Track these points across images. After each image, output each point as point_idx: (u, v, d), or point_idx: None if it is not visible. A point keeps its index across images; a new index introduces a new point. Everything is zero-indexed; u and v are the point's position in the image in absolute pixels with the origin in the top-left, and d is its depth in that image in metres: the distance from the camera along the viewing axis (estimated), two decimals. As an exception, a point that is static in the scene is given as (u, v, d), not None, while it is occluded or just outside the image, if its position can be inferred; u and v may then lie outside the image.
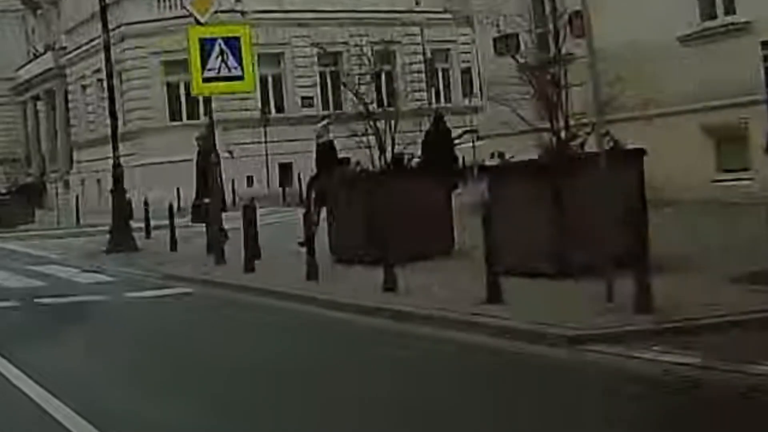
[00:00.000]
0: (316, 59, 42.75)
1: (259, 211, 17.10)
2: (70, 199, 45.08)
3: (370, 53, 20.74)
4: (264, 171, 40.23)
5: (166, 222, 21.19)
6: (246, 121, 40.48)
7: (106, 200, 42.28)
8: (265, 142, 39.65)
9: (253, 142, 40.14)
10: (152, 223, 31.58)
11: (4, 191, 37.68)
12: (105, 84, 44.36)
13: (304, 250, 14.03)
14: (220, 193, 20.54)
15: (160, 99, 40.63)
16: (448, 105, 45.41)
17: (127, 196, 21.82)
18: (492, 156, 19.64)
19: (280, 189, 39.30)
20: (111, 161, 22.30)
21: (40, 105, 55.62)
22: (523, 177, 12.01)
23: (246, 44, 16.84)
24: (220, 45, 16.63)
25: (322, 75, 43.79)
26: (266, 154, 40.36)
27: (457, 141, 37.51)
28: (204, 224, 19.40)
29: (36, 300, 13.93)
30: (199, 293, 14.38)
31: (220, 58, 16.63)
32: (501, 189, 12.09)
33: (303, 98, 43.08)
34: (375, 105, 36.26)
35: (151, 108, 40.44)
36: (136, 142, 40.40)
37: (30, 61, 55.90)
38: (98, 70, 43.65)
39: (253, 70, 17.24)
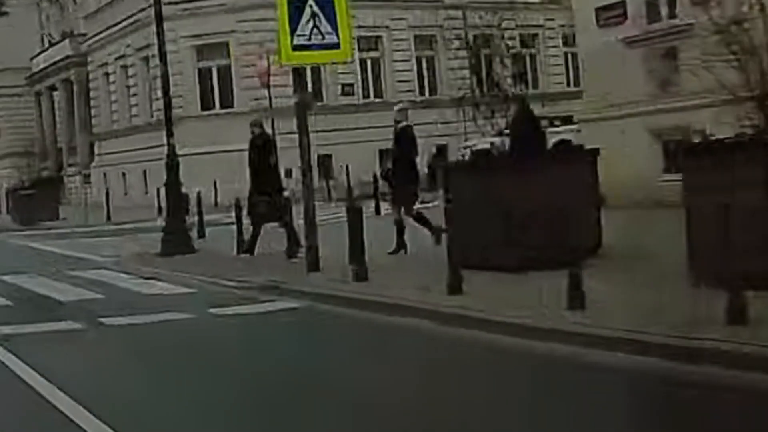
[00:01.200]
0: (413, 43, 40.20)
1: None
2: (92, 194, 42.32)
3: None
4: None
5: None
6: (285, 109, 37.52)
7: (134, 195, 39.75)
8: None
9: (293, 132, 37.16)
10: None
11: (26, 185, 34.68)
12: (130, 71, 41.87)
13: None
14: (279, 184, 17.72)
15: (192, 86, 37.69)
16: (537, 91, 42.83)
17: (184, 190, 18.85)
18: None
19: (324, 182, 36.50)
20: (163, 150, 19.63)
21: (56, 95, 52.73)
22: None
23: (342, 6, 13.93)
24: (311, 6, 13.74)
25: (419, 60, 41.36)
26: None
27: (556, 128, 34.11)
28: (268, 223, 16.66)
29: (100, 320, 11.08)
30: (307, 309, 11.54)
31: (311, 23, 13.74)
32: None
33: (343, 86, 40.14)
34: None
35: (183, 96, 37.44)
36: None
37: (45, 50, 53.02)
38: (122, 56, 40.90)
39: (350, 37, 14.29)
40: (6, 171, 51.09)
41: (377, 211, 23.86)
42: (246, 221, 17.14)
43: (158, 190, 32.53)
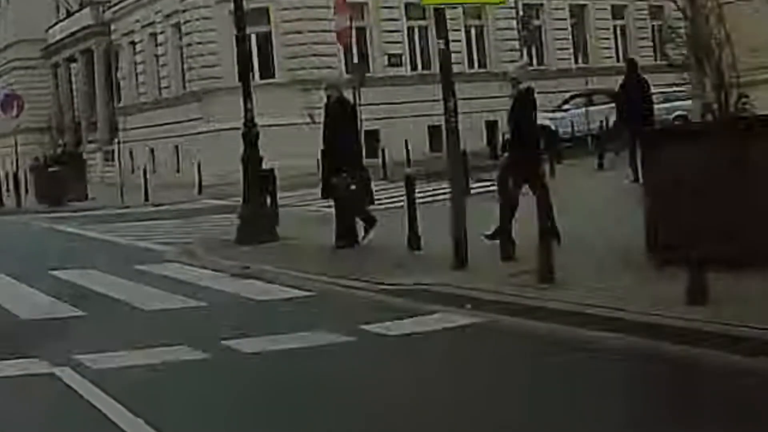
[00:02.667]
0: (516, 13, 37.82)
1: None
2: (116, 172, 39.37)
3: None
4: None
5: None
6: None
7: (163, 173, 36.64)
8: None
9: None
10: (236, 201, 26.00)
11: (49, 162, 31.67)
12: (159, 39, 38.81)
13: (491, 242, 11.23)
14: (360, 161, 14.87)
15: (229, 55, 34.58)
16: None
17: (267, 164, 15.94)
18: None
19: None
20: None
21: (75, 67, 49.66)
22: None
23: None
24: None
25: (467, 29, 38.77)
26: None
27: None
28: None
29: (224, 343, 8.09)
30: (491, 325, 8.63)
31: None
32: None
33: (390, 56, 37.11)
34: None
35: (219, 66, 34.46)
36: (201, 105, 34.55)
37: (62, 20, 49.92)
38: (151, 23, 37.88)
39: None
40: (20, 148, 48.02)
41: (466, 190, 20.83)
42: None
43: (199, 165, 29.68)
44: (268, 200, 15.88)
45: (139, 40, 39.60)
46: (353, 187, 13.89)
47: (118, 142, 42.16)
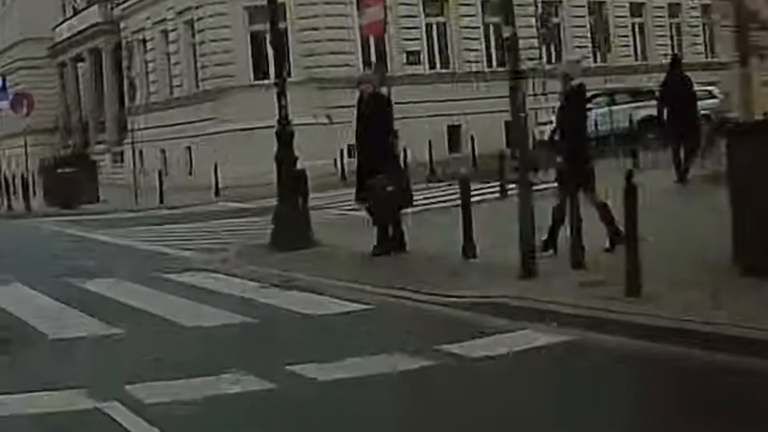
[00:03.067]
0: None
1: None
2: (127, 173, 38.34)
3: None
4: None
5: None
6: (346, 80, 33.48)
7: (175, 175, 35.53)
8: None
9: (353, 105, 33.06)
10: (255, 204, 24.98)
11: (58, 163, 30.58)
12: (171, 37, 37.75)
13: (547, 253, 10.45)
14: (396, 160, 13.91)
15: (244, 53, 33.63)
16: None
17: (299, 164, 14.90)
18: None
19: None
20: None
21: (82, 66, 48.63)
22: None
23: None
24: None
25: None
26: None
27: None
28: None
29: (290, 368, 7.05)
30: (584, 343, 7.62)
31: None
32: None
33: (408, 53, 36.07)
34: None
35: (233, 63, 33.44)
36: (215, 105, 33.53)
37: (70, 18, 48.88)
38: (162, 21, 36.85)
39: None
40: (16, 150, 46.96)
41: (502, 192, 19.87)
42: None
43: (215, 167, 28.66)
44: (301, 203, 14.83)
45: (150, 38, 38.55)
46: (390, 188, 12.87)
47: (129, 143, 41.25)
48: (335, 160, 32.27)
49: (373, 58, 34.54)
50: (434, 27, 36.81)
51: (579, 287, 9.26)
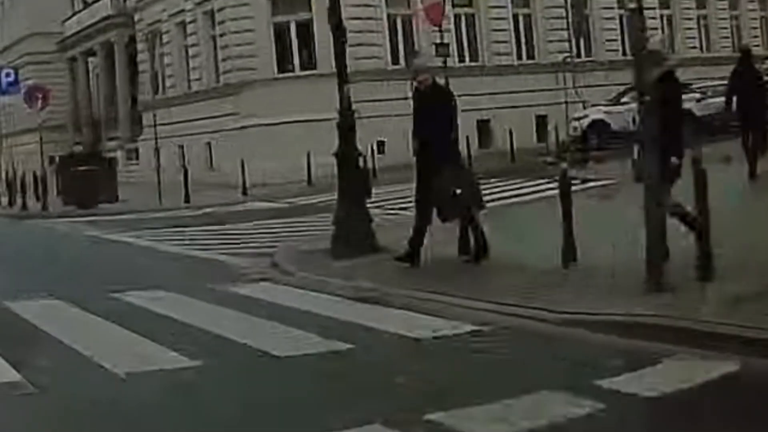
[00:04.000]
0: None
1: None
2: (142, 171, 36.92)
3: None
4: (396, 135, 31.51)
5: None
6: (374, 73, 32.04)
7: (194, 172, 33.86)
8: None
9: (384, 99, 31.61)
10: (286, 203, 23.58)
11: (75, 160, 29.05)
12: (189, 29, 36.23)
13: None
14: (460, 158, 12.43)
15: (267, 45, 32.14)
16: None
17: (361, 160, 13.43)
18: None
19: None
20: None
21: (93, 61, 47.16)
22: None
23: None
24: None
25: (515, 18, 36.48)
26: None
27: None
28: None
29: (430, 417, 5.51)
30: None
31: None
32: None
33: (437, 45, 34.49)
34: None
35: (256, 56, 31.94)
36: (237, 99, 32.04)
37: (80, 11, 47.39)
38: (180, 12, 35.36)
39: None
40: (33, 147, 45.44)
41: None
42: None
43: (242, 164, 27.18)
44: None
45: (166, 30, 37.02)
46: (459, 191, 11.40)
47: (145, 140, 39.77)
48: (364, 156, 30.76)
49: (402, 50, 33.16)
50: (462, 18, 35.34)
51: (734, 302, 7.84)
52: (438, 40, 34.56)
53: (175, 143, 35.43)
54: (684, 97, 31.43)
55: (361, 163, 13.31)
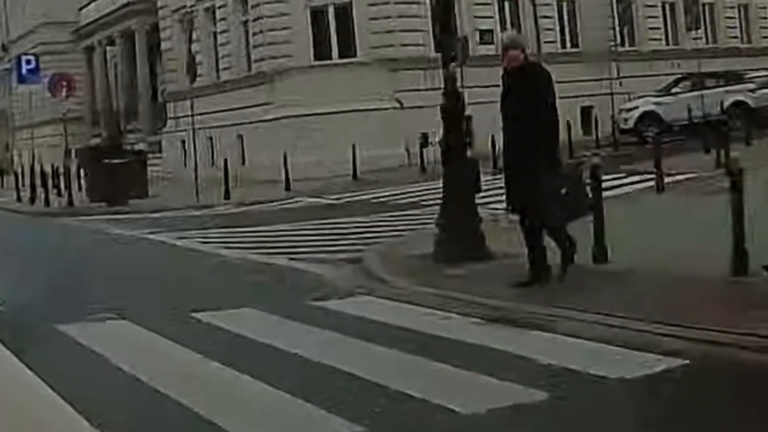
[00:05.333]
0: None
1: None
2: (167, 164, 35.06)
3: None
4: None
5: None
6: (417, 60, 30.13)
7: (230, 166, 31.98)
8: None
9: (427, 89, 29.66)
10: (336, 198, 21.69)
11: (109, 154, 27.10)
12: (219, 14, 34.29)
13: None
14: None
15: (303, 31, 30.18)
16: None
17: (470, 152, 11.52)
18: None
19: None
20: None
21: (111, 50, 45.26)
22: None
23: None
24: None
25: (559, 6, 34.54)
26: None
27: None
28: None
29: None
30: None
31: None
32: None
33: (481, 32, 32.65)
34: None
35: (291, 42, 30.01)
36: (272, 88, 30.14)
37: (97, -2, 45.58)
38: (207, -4, 33.42)
39: None
40: (48, 140, 43.59)
41: (658, 186, 16.60)
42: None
43: (285, 157, 25.27)
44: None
45: (194, 15, 35.00)
46: (564, 190, 9.48)
47: (176, 131, 37.89)
48: (407, 149, 29.01)
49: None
50: (506, 5, 33.44)
51: None
52: (483, 27, 32.85)
53: (203, 136, 33.49)
54: (738, 87, 29.81)
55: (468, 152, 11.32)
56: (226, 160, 25.08)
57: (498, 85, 10.15)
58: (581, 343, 7.22)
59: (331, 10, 30.08)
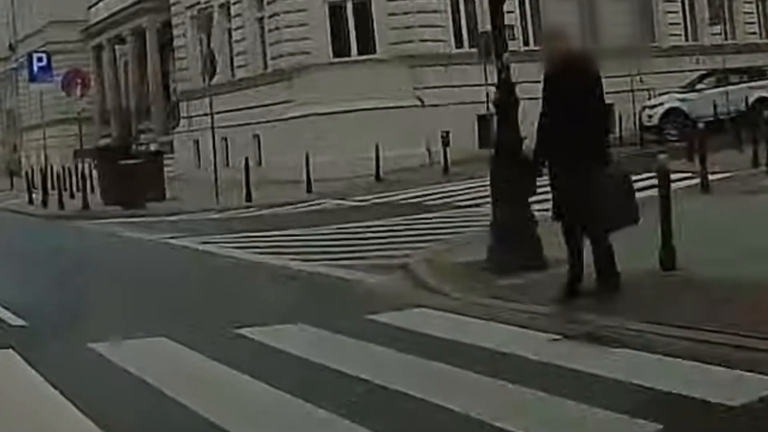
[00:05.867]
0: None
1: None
2: (179, 164, 34.36)
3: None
4: (462, 125, 28.80)
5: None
6: (437, 57, 29.41)
7: (240, 165, 31.25)
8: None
9: (448, 86, 28.96)
10: (359, 200, 21.00)
11: (126, 154, 26.36)
12: (234, 10, 33.52)
13: None
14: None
15: (322, 27, 29.44)
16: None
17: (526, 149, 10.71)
18: None
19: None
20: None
21: (121, 49, 44.56)
22: None
23: None
24: None
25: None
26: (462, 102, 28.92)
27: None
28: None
29: None
30: None
31: None
32: None
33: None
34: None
35: (310, 39, 29.27)
36: (290, 86, 29.41)
37: (106, -4, 44.85)
38: (222, -8, 32.70)
39: None
40: (56, 141, 42.84)
41: (704, 185, 15.88)
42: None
43: (307, 158, 24.54)
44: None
45: (208, 11, 34.26)
46: (617, 199, 8.71)
47: (179, 132, 37.21)
48: (428, 148, 28.27)
49: (465, 32, 30.45)
50: (526, 1, 32.66)
51: None
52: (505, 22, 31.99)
53: (218, 135, 32.75)
54: (761, 83, 29.12)
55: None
56: (247, 160, 24.32)
57: (517, 82, 9.56)
58: (677, 363, 6.54)
59: (349, 6, 29.34)
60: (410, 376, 6.54)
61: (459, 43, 30.22)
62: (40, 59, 28.99)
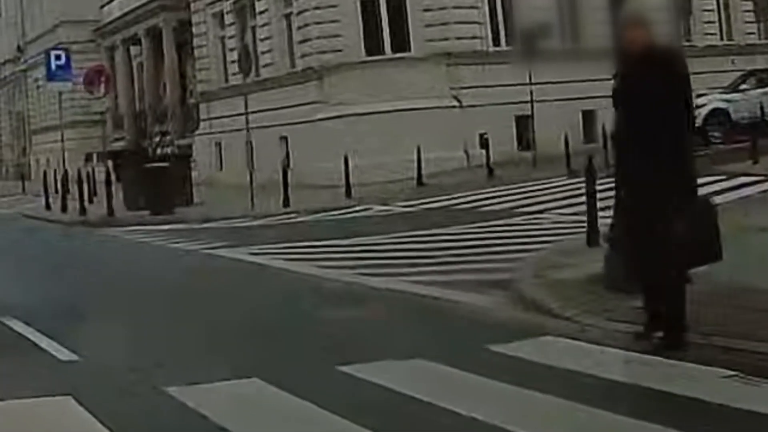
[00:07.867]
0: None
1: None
2: (200, 168, 32.94)
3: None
4: (500, 126, 27.41)
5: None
6: (475, 55, 28.06)
7: (266, 169, 29.79)
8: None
9: (485, 86, 27.58)
10: (404, 205, 19.62)
11: (154, 157, 25.01)
12: (259, 6, 32.13)
13: None
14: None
15: (354, 24, 28.06)
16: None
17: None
18: None
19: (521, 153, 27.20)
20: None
21: (135, 49, 43.24)
22: None
23: None
24: None
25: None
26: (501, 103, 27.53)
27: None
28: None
29: None
30: None
31: None
32: None
33: (537, 25, 30.40)
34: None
35: (341, 36, 27.90)
36: (320, 86, 28.03)
37: (120, -5, 43.56)
38: (244, -11, 31.31)
39: None
40: (68, 144, 41.44)
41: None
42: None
43: (346, 159, 23.13)
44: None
45: (228, 10, 32.99)
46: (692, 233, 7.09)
47: (200, 134, 35.87)
48: (466, 151, 26.96)
49: (503, 29, 29.03)
50: (560, -2, 31.22)
51: None
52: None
53: (240, 137, 31.32)
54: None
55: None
56: (286, 162, 22.93)
57: (550, 82, 8.04)
58: None
59: (382, 3, 27.94)
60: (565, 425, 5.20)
61: (496, 40, 28.82)
62: (58, 57, 27.56)
